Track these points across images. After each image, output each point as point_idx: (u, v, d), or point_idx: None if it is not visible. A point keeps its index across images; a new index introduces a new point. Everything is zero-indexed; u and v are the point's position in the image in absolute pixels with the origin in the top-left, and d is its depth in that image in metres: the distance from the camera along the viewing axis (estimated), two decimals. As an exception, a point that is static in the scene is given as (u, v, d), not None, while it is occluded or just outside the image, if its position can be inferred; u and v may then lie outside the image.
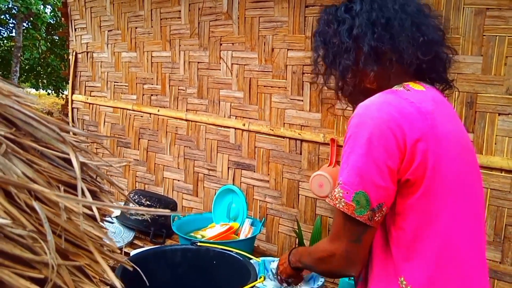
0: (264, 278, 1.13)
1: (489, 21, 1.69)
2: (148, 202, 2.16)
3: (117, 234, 1.99)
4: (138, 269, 0.48)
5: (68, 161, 0.41)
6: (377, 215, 0.84)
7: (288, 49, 2.24)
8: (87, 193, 0.37)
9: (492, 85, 1.70)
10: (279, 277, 1.17)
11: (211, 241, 1.78)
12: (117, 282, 0.37)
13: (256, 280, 1.09)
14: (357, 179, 0.83)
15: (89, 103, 3.32)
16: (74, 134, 0.51)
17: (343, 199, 0.84)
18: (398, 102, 0.85)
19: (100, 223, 0.44)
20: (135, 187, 3.01)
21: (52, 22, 9.69)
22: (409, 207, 0.84)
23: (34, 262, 0.34)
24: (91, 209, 0.38)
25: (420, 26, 0.92)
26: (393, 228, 0.86)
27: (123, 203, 2.13)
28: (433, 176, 0.82)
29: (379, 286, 0.89)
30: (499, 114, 1.70)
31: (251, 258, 1.27)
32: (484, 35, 1.70)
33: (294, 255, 1.13)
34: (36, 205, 0.34)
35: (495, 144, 1.71)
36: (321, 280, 1.55)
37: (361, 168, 0.82)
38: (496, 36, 1.68)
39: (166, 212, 0.45)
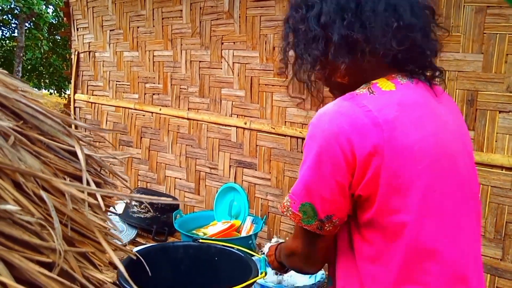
0: (266, 274, 1.14)
1: (489, 19, 1.69)
2: (150, 200, 2.17)
3: (120, 232, 2.01)
4: (142, 259, 0.49)
5: (73, 154, 0.42)
6: (327, 225, 0.82)
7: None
8: (92, 183, 0.38)
9: (493, 83, 1.71)
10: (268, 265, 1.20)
11: (213, 238, 1.80)
12: (121, 267, 0.38)
13: (258, 276, 1.10)
14: (304, 191, 0.82)
15: (91, 102, 3.33)
16: (76, 127, 0.52)
17: (290, 208, 0.85)
18: (353, 112, 0.77)
19: (105, 215, 0.45)
20: (137, 185, 3.03)
21: (54, 22, 9.71)
22: (369, 221, 0.80)
23: (42, 247, 0.35)
24: (96, 200, 0.39)
25: (397, 8, 0.80)
26: (357, 237, 0.83)
27: (125, 201, 2.15)
28: (387, 192, 0.76)
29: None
30: (500, 112, 1.71)
31: (252, 255, 1.28)
32: (485, 33, 1.70)
33: (278, 250, 1.15)
34: (43, 194, 0.36)
35: (496, 141, 1.72)
36: (322, 277, 1.57)
37: (308, 181, 0.81)
38: (497, 34, 1.68)
39: (169, 200, 0.46)
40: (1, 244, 0.32)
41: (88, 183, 0.39)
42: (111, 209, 0.52)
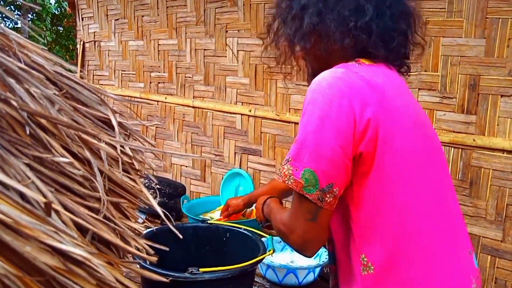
0: (274, 251, 1.18)
1: (492, 3, 1.70)
2: (157, 186, 2.22)
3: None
4: (169, 224, 0.53)
5: (105, 123, 0.45)
6: (327, 196, 0.81)
7: (293, 35, 2.26)
8: (126, 143, 0.42)
9: (495, 67, 1.73)
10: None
11: (221, 222, 1.84)
12: (158, 208, 0.42)
13: (266, 253, 1.15)
14: (306, 156, 0.81)
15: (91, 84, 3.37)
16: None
17: (292, 176, 0.82)
18: (349, 77, 0.82)
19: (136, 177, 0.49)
20: (144, 173, 3.07)
21: (56, 13, 9.71)
22: (365, 186, 0.82)
23: (88, 196, 0.39)
24: (129, 169, 0.43)
25: (361, 10, 0.86)
26: (352, 208, 0.85)
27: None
28: (384, 149, 0.80)
29: (346, 265, 0.90)
30: (502, 96, 1.73)
31: (260, 235, 1.33)
32: (487, 18, 1.72)
33: (267, 206, 1.18)
34: (87, 152, 0.40)
35: (497, 125, 1.74)
36: (326, 257, 1.61)
37: (310, 146, 0.80)
38: (499, 18, 1.70)
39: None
40: (57, 191, 0.37)
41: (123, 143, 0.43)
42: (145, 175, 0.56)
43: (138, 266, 0.40)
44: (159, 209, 0.43)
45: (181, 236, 0.64)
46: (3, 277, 0.28)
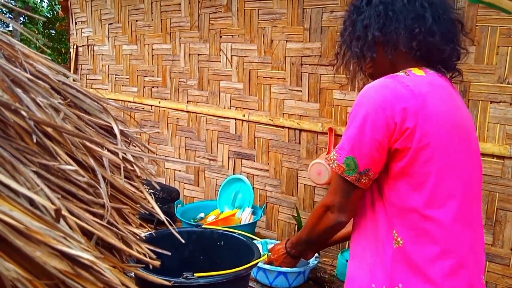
0: (268, 255, 1.19)
1: (481, 12, 1.74)
2: (151, 191, 2.22)
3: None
4: (172, 229, 0.54)
5: (106, 130, 0.47)
6: (364, 177, 1.00)
7: (287, 41, 2.29)
8: (128, 150, 0.44)
9: (485, 74, 1.77)
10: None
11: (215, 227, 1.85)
12: (160, 213, 0.43)
13: (260, 257, 1.16)
14: (349, 146, 0.99)
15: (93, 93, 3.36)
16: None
17: (336, 161, 1.01)
18: (394, 85, 0.98)
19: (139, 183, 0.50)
20: (150, 174, 3.07)
21: (49, 16, 9.66)
22: (399, 171, 0.97)
23: (92, 203, 0.40)
24: (131, 174, 0.44)
25: (421, 17, 1.02)
26: (387, 189, 1.00)
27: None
28: (418, 147, 0.95)
29: (375, 239, 1.02)
30: (491, 102, 1.77)
31: (254, 239, 1.34)
32: (477, 25, 1.76)
33: (291, 244, 1.26)
34: (91, 160, 0.41)
35: (487, 131, 1.78)
36: (314, 262, 1.63)
37: (354, 139, 0.99)
38: (489, 26, 1.74)
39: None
40: (63, 197, 0.38)
41: (126, 150, 0.44)
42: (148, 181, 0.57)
43: (140, 270, 0.41)
44: (162, 216, 0.44)
45: (182, 241, 0.65)
46: (16, 280, 0.29)
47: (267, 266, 1.51)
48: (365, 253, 1.05)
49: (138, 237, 0.46)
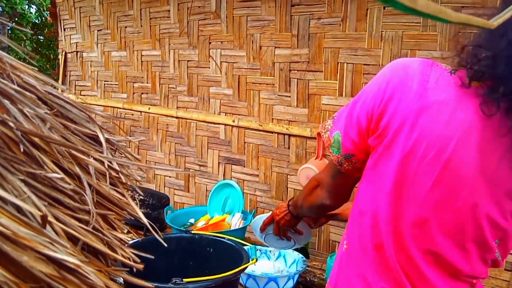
0: (256, 260, 1.20)
1: (464, 19, 1.79)
2: (141, 197, 2.22)
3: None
4: (155, 234, 0.55)
5: (93, 140, 0.48)
6: (346, 163, 0.89)
7: (275, 47, 2.32)
8: (113, 158, 0.45)
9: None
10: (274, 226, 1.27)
11: (204, 232, 1.86)
12: (144, 219, 0.45)
13: (249, 262, 1.17)
14: (342, 120, 0.88)
15: (80, 102, 3.35)
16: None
17: (328, 132, 0.91)
18: (412, 73, 0.79)
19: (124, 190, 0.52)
20: (136, 181, 3.06)
21: (37, 22, 9.59)
22: (364, 172, 0.88)
23: (78, 209, 0.41)
24: (116, 182, 0.46)
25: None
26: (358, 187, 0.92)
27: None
28: (389, 143, 0.79)
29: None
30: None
31: (243, 244, 1.35)
32: (460, 32, 1.80)
33: (292, 205, 1.22)
34: (77, 167, 0.42)
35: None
36: (303, 266, 1.65)
37: (348, 112, 0.87)
38: (471, 33, 1.78)
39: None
40: (50, 204, 0.39)
41: (111, 158, 0.46)
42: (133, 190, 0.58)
43: (127, 274, 0.43)
44: (145, 221, 0.45)
45: (165, 245, 0.67)
46: (3, 284, 0.30)
47: (257, 273, 1.53)
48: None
49: (123, 242, 0.48)
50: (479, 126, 0.75)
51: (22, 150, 0.38)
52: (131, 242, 1.56)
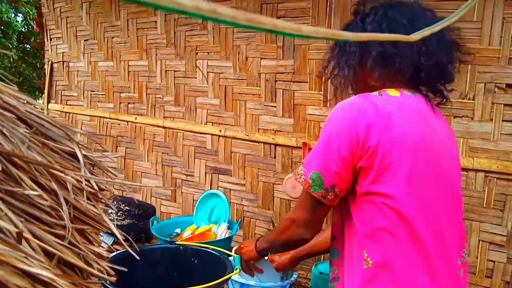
0: (240, 270, 1.21)
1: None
2: (127, 207, 2.21)
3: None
4: (127, 246, 0.56)
5: (71, 155, 0.49)
6: (330, 194, 0.99)
7: (261, 58, 2.35)
8: (88, 175, 0.46)
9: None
10: (241, 261, 1.31)
11: (189, 242, 1.86)
12: (116, 231, 0.46)
13: (233, 272, 1.18)
14: (315, 162, 0.99)
15: (66, 112, 3.33)
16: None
17: (302, 176, 1.01)
18: (362, 105, 0.98)
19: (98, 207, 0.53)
20: (113, 194, 3.05)
21: (23, 30, 9.51)
22: (365, 190, 0.97)
23: (54, 225, 0.42)
24: (93, 195, 0.47)
25: (425, 39, 0.96)
26: (356, 208, 1.00)
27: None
28: (381, 166, 0.94)
29: (350, 259, 1.03)
30: (454, 117, 1.86)
31: (228, 254, 1.36)
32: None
33: (260, 240, 1.28)
34: (54, 185, 0.43)
35: (451, 144, 1.86)
36: (294, 276, 1.66)
37: (321, 154, 0.99)
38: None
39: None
40: (27, 220, 0.40)
41: (86, 176, 0.47)
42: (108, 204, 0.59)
43: (101, 286, 0.44)
44: (118, 234, 0.47)
45: (137, 257, 0.67)
46: (-21, 298, 0.31)
47: (251, 282, 1.53)
48: (344, 274, 1.06)
49: (99, 255, 0.49)
50: (430, 113, 1.03)
51: (0, 169, 0.39)
52: (114, 253, 1.56)
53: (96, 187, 0.49)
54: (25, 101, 0.48)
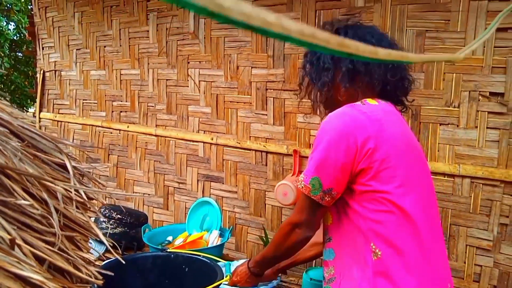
0: (230, 277, 1.23)
1: (428, 41, 1.89)
2: (118, 216, 2.22)
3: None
4: (116, 254, 0.58)
5: (62, 166, 0.51)
6: (327, 196, 1.10)
7: (252, 67, 2.39)
8: (77, 185, 0.48)
9: (433, 98, 1.90)
10: None
11: (180, 250, 1.87)
12: (104, 239, 0.48)
13: (223, 278, 1.20)
14: (314, 168, 1.10)
15: (58, 121, 3.34)
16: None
17: (302, 182, 1.12)
18: (353, 113, 1.10)
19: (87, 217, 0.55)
20: (103, 203, 3.04)
21: (15, 39, 9.49)
22: (364, 189, 1.07)
23: (45, 232, 0.44)
24: (82, 204, 0.49)
25: None
26: (357, 205, 1.09)
27: (95, 218, 2.18)
28: (381, 166, 1.05)
29: (353, 256, 1.11)
30: (440, 125, 1.90)
31: (218, 261, 1.37)
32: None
33: (251, 262, 1.32)
34: (45, 194, 0.45)
35: (438, 151, 1.90)
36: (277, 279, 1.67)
37: (319, 160, 1.09)
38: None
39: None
40: (19, 228, 0.42)
41: (75, 187, 0.49)
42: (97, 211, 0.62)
43: (92, 291, 0.46)
44: (105, 241, 0.49)
45: (123, 262, 0.69)
46: (-26, 301, 0.33)
47: None
48: (352, 270, 1.12)
49: (87, 260, 0.51)
50: (400, 116, 1.20)
51: (-7, 179, 0.41)
52: (106, 261, 1.56)
53: (85, 197, 0.51)
54: (18, 117, 0.50)
